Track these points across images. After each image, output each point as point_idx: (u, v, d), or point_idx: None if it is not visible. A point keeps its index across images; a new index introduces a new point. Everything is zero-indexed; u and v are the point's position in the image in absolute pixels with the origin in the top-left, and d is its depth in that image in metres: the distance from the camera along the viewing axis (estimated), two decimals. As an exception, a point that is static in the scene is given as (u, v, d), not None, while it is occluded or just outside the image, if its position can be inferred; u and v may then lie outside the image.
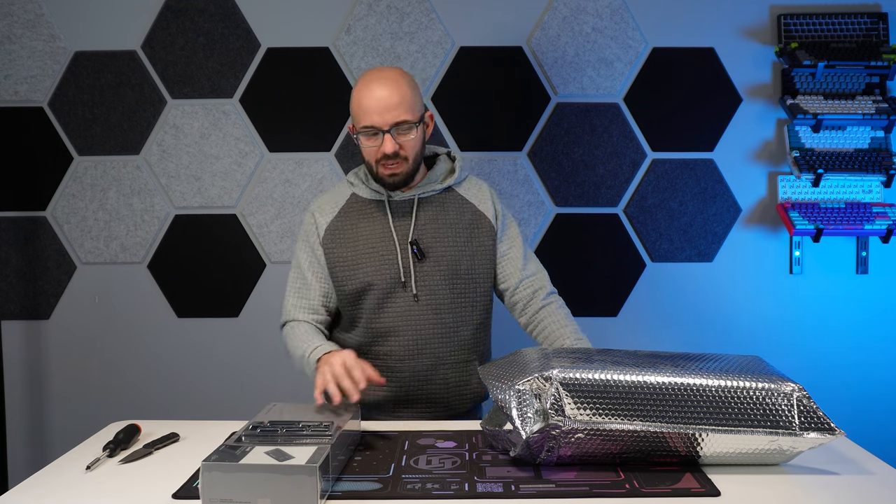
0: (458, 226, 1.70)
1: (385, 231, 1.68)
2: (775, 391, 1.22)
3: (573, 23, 2.45)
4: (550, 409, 1.20)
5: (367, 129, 1.61)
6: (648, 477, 1.21)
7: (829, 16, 2.43)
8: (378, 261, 1.66)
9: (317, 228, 1.72)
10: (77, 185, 2.48)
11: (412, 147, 1.63)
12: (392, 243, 1.67)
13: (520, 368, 1.29)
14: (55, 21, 2.45)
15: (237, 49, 2.46)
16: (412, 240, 1.66)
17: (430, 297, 1.66)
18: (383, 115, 1.59)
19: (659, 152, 2.48)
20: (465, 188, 1.76)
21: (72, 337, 2.51)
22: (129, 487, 1.22)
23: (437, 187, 1.71)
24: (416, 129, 1.62)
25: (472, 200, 1.74)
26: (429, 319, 1.66)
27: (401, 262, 1.65)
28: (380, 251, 1.66)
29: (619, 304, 2.50)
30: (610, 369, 1.24)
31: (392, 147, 1.60)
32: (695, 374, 1.25)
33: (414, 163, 1.65)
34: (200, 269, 2.50)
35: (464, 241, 1.69)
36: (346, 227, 1.70)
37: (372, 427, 1.52)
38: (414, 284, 1.65)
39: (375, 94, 1.59)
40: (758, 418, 1.21)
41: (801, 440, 1.20)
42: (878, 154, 2.41)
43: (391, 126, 1.59)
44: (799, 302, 2.48)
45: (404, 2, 2.44)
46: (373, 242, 1.67)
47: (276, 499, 1.07)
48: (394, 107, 1.59)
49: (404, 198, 1.69)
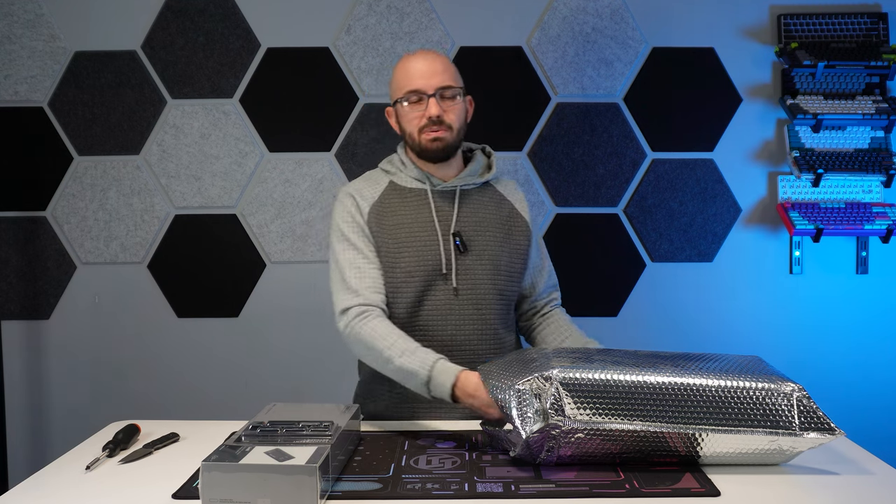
0: (497, 221, 1.66)
1: (427, 220, 1.61)
2: (775, 391, 1.22)
3: (573, 23, 2.45)
4: (550, 408, 1.20)
5: (410, 95, 1.58)
6: (648, 477, 1.21)
7: (829, 16, 2.43)
8: (420, 250, 1.59)
9: (359, 209, 1.62)
10: (77, 185, 2.48)
11: (456, 115, 1.59)
12: (434, 233, 1.60)
13: (519, 368, 1.29)
14: (55, 21, 2.45)
15: (237, 49, 2.46)
16: (455, 231, 1.61)
17: (471, 292, 1.60)
18: (428, 80, 1.57)
19: (659, 152, 2.48)
20: (502, 186, 1.73)
21: (72, 337, 2.51)
22: (129, 487, 1.22)
23: (476, 180, 1.67)
24: (460, 97, 1.60)
25: (509, 198, 1.71)
26: (469, 315, 1.60)
27: (443, 252, 1.59)
28: (422, 240, 1.59)
29: (619, 304, 2.50)
30: (610, 369, 1.24)
31: (437, 109, 1.56)
32: (695, 374, 1.25)
33: (457, 134, 1.60)
34: (200, 269, 2.50)
35: (503, 237, 1.65)
36: (387, 214, 1.61)
37: (372, 427, 1.52)
38: (455, 277, 1.59)
39: (420, 61, 1.59)
40: (758, 418, 1.21)
41: (801, 440, 1.20)
42: (878, 154, 2.41)
43: (436, 90, 1.57)
44: (799, 302, 2.48)
45: (404, 2, 2.44)
46: (414, 231, 1.60)
47: (276, 499, 1.07)
48: (438, 72, 1.57)
49: (446, 188, 1.64)
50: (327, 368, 2.49)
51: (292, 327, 2.49)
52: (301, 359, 2.50)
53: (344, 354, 2.46)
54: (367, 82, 2.45)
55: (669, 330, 2.49)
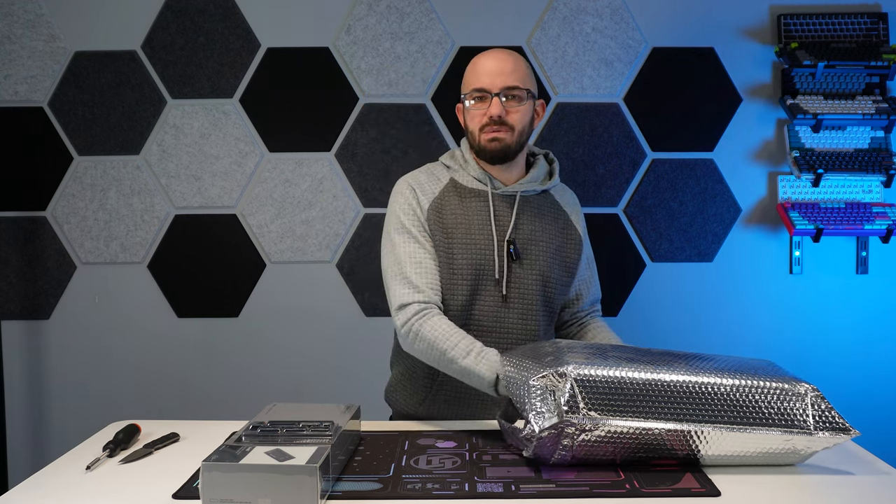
0: (552, 232, 1.65)
1: (484, 223, 1.60)
2: (789, 391, 1.23)
3: (573, 23, 2.45)
4: (565, 405, 1.20)
5: (476, 92, 1.57)
6: (648, 477, 1.21)
7: (829, 16, 2.43)
8: (475, 252, 1.58)
9: (420, 202, 1.61)
10: (77, 185, 2.48)
11: (519, 118, 1.57)
12: (490, 237, 1.59)
13: (533, 363, 1.29)
14: (55, 21, 2.45)
15: (237, 49, 2.46)
16: (510, 238, 1.60)
17: (520, 301, 1.60)
18: (494, 79, 1.56)
19: (659, 152, 2.48)
20: (561, 195, 1.72)
21: (72, 337, 2.51)
22: (129, 487, 1.22)
23: (536, 187, 1.66)
24: (526, 100, 1.58)
25: (566, 209, 1.70)
26: (515, 323, 1.59)
27: (497, 258, 1.58)
28: (478, 243, 1.59)
29: (619, 304, 2.50)
30: (625, 366, 1.24)
31: (498, 110, 1.55)
32: (709, 372, 1.25)
33: (518, 137, 1.58)
34: (200, 269, 2.50)
35: (555, 248, 1.65)
36: (447, 211, 1.60)
37: (372, 427, 1.52)
38: (505, 285, 1.58)
39: (491, 59, 1.58)
40: (773, 417, 1.21)
41: (815, 440, 1.21)
42: (878, 154, 2.41)
43: (501, 90, 1.56)
44: (799, 302, 2.48)
45: (404, 2, 2.44)
46: (472, 232, 1.59)
47: (276, 499, 1.07)
48: (507, 72, 1.56)
49: (506, 192, 1.63)
50: (327, 368, 2.49)
51: (292, 327, 2.49)
52: (301, 359, 2.50)
53: (344, 354, 2.48)
54: (367, 82, 2.45)
55: (669, 330, 2.49)
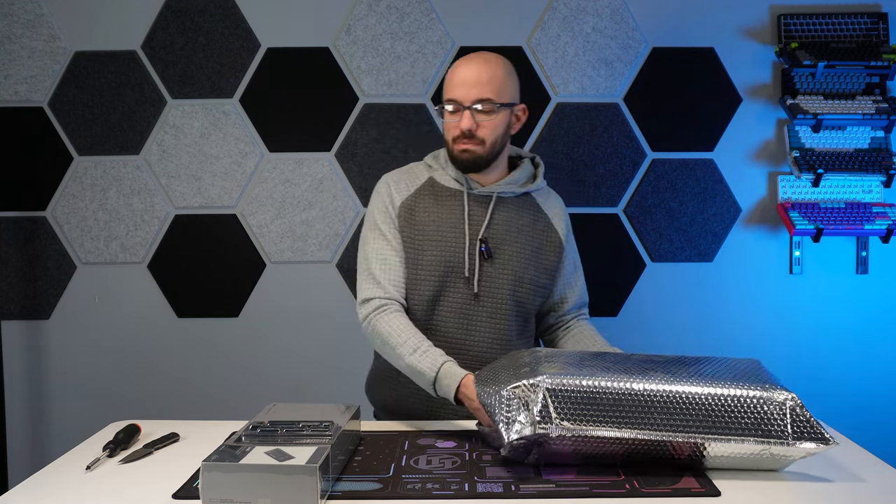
0: (528, 234, 1.65)
1: (457, 221, 1.62)
2: (768, 400, 1.20)
3: (573, 23, 2.45)
4: (538, 415, 1.19)
5: (449, 103, 1.59)
6: (648, 477, 1.21)
7: (829, 16, 2.43)
8: (444, 249, 1.60)
9: (392, 201, 1.65)
10: (77, 185, 2.48)
11: (491, 130, 1.58)
12: (462, 235, 1.61)
13: (509, 374, 1.28)
14: (55, 21, 2.45)
15: (237, 49, 2.46)
16: (482, 236, 1.61)
17: (491, 300, 1.60)
18: (468, 91, 1.56)
19: (659, 152, 2.48)
20: (543, 197, 1.72)
21: (72, 337, 2.51)
22: (129, 487, 1.22)
23: (516, 189, 1.67)
24: (498, 112, 1.57)
25: (547, 212, 1.70)
26: (484, 322, 1.60)
27: (467, 255, 1.60)
28: (448, 240, 1.61)
29: (619, 304, 2.50)
30: (599, 376, 1.22)
31: (468, 124, 1.55)
32: (686, 381, 1.23)
33: (490, 148, 1.59)
34: (200, 269, 2.50)
35: (531, 250, 1.65)
36: (419, 209, 1.63)
37: (372, 427, 1.52)
38: (476, 283, 1.60)
39: (467, 69, 1.58)
40: (749, 427, 1.19)
41: (793, 449, 1.19)
42: (878, 154, 2.41)
43: (473, 102, 1.56)
44: (799, 302, 2.48)
45: (404, 2, 2.44)
46: (443, 230, 1.61)
47: (276, 499, 1.07)
48: (480, 83, 1.55)
49: (483, 192, 1.64)
50: (327, 368, 2.49)
51: (292, 327, 2.49)
52: (301, 359, 2.50)
53: (344, 354, 2.48)
54: (367, 82, 2.45)
55: (669, 330, 2.49)
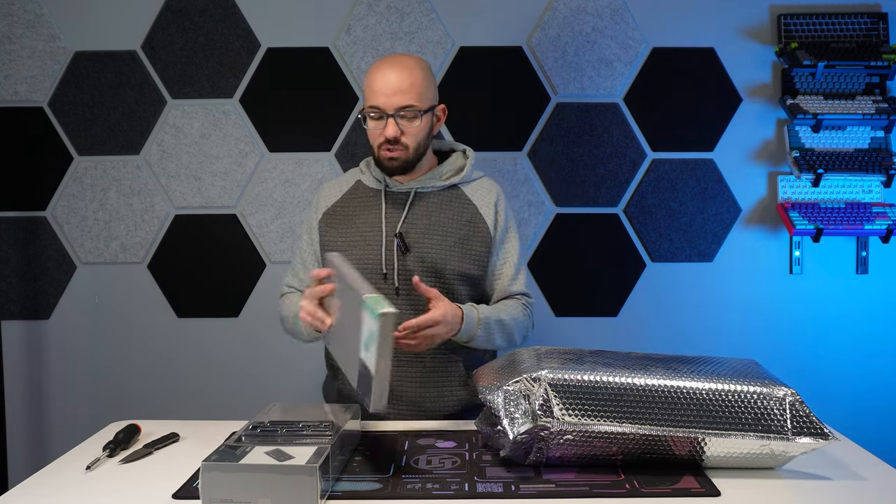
0: (451, 225, 1.66)
1: (376, 220, 1.67)
2: (768, 395, 1.21)
3: (573, 23, 2.45)
4: (539, 410, 1.20)
5: (372, 110, 1.61)
6: (648, 477, 1.21)
7: (829, 16, 2.43)
8: (364, 249, 1.65)
9: (316, 211, 1.75)
10: (77, 185, 2.48)
11: (414, 135, 1.62)
12: (379, 233, 1.65)
13: (510, 370, 1.29)
14: (55, 21, 2.45)
15: (237, 49, 2.46)
16: (398, 232, 1.64)
17: (412, 294, 1.61)
18: (390, 98, 1.58)
19: (659, 152, 2.48)
20: (473, 189, 1.72)
21: (72, 337, 2.51)
22: (129, 487, 1.22)
23: (437, 183, 1.69)
24: (421, 117, 1.61)
25: (475, 202, 1.70)
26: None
27: (384, 252, 1.64)
28: (367, 240, 1.66)
29: (619, 304, 2.50)
30: (600, 371, 1.23)
31: (394, 132, 1.59)
32: (686, 377, 1.24)
33: (415, 152, 1.64)
34: (200, 269, 2.50)
35: (455, 241, 1.66)
36: (344, 213, 1.71)
37: (372, 427, 1.52)
38: (396, 277, 1.63)
39: (386, 76, 1.59)
40: (749, 422, 1.20)
41: (793, 445, 1.19)
42: (878, 154, 2.41)
43: (396, 110, 1.58)
44: (799, 302, 2.48)
45: (404, 2, 2.44)
46: (363, 231, 1.67)
47: (276, 499, 1.07)
48: (402, 91, 1.58)
49: (402, 189, 1.68)
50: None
51: (292, 327, 2.49)
52: (301, 359, 2.50)
53: (344, 354, 2.47)
54: (367, 82, 2.45)
55: (669, 330, 2.49)
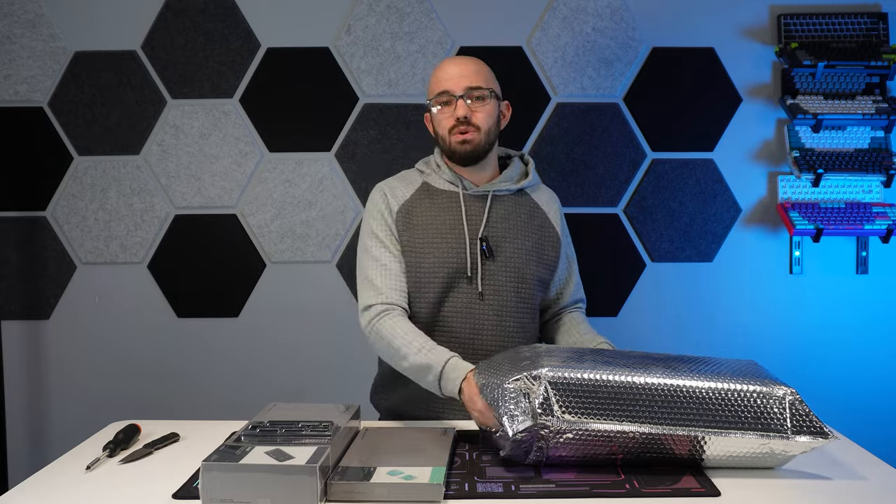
0: (527, 229, 1.67)
1: (456, 222, 1.62)
2: (768, 394, 1.21)
3: (573, 23, 2.45)
4: (539, 408, 1.20)
5: (441, 96, 1.61)
6: (648, 477, 1.21)
7: (829, 16, 2.43)
8: (446, 251, 1.61)
9: (389, 207, 1.65)
10: (77, 185, 2.48)
11: (485, 117, 1.61)
12: (462, 235, 1.61)
13: (510, 367, 1.29)
14: (55, 21, 2.45)
15: (237, 49, 2.46)
16: (482, 235, 1.62)
17: (495, 297, 1.61)
18: (458, 81, 1.61)
19: (659, 152, 2.48)
20: (538, 194, 1.74)
21: (72, 337, 2.51)
22: (129, 487, 1.22)
23: (511, 186, 1.68)
24: (490, 99, 1.62)
25: (543, 207, 1.72)
26: (490, 320, 1.60)
27: (469, 255, 1.60)
28: (448, 241, 1.61)
29: (619, 304, 2.50)
30: (600, 369, 1.23)
31: (464, 111, 1.59)
32: (686, 375, 1.24)
33: (486, 137, 1.62)
34: (200, 269, 2.50)
35: (531, 245, 1.66)
36: (418, 213, 1.64)
37: (373, 427, 1.52)
38: (480, 281, 1.60)
39: (451, 65, 1.64)
40: (749, 421, 1.20)
41: (792, 443, 1.20)
42: (878, 154, 2.41)
43: (465, 90, 1.60)
44: (799, 302, 2.48)
45: (404, 2, 2.44)
46: (443, 232, 1.62)
47: (276, 499, 1.07)
48: (469, 74, 1.61)
49: (478, 192, 1.65)
50: (328, 368, 2.49)
51: (292, 327, 2.50)
52: (301, 359, 2.50)
53: (344, 354, 2.48)
54: (367, 82, 2.45)
55: (669, 330, 2.49)
